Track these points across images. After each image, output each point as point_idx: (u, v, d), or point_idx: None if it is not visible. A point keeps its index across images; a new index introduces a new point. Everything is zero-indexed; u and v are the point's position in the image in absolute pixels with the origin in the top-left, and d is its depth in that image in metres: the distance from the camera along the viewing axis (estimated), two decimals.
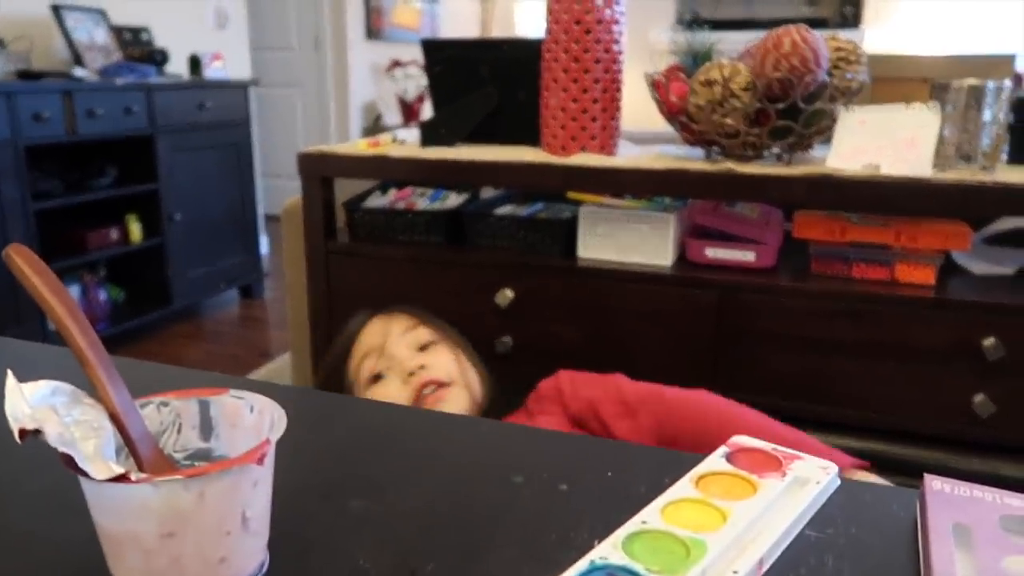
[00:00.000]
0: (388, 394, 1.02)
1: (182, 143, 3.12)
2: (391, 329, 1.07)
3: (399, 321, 1.09)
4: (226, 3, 3.89)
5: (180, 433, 0.41)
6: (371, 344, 1.06)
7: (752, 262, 1.25)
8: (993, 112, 1.15)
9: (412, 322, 1.09)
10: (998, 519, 0.38)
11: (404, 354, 1.05)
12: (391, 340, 1.06)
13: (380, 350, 1.05)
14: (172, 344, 3.09)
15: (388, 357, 1.04)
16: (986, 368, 1.11)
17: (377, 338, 1.07)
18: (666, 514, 0.40)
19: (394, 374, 1.04)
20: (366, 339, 1.08)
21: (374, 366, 1.05)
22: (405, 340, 1.07)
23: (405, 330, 1.08)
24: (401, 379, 1.03)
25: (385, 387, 1.03)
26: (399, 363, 1.04)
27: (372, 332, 1.08)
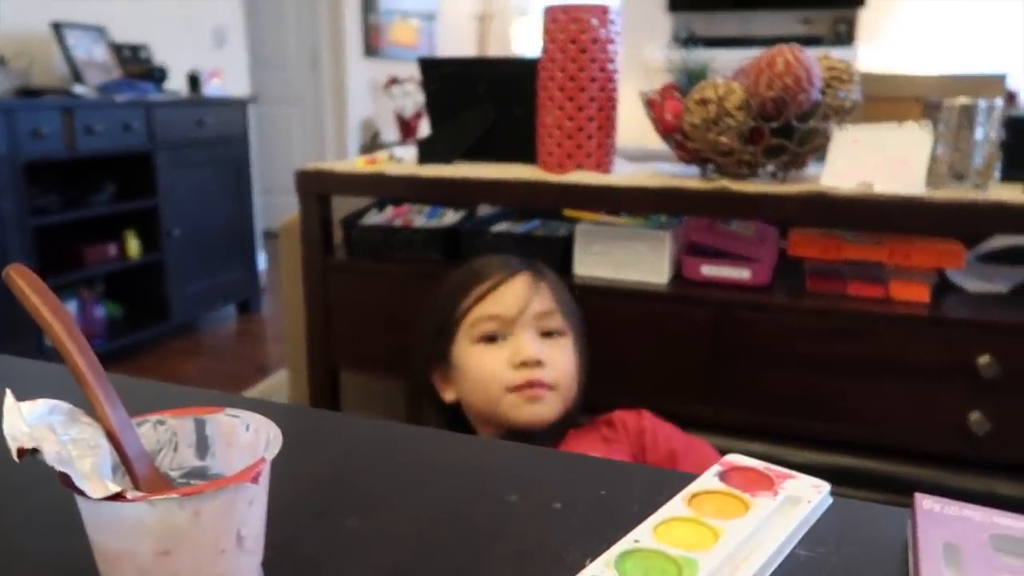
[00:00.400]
0: (489, 365, 0.94)
1: (181, 159, 3.14)
2: (532, 304, 0.96)
3: (542, 297, 0.98)
4: (225, 21, 3.92)
5: (176, 451, 0.41)
6: (505, 307, 0.95)
7: (747, 279, 1.25)
8: (985, 131, 1.16)
9: (551, 304, 0.99)
10: (988, 538, 0.39)
11: (528, 338, 0.95)
12: (524, 318, 0.95)
13: (508, 320, 0.95)
14: (169, 360, 3.08)
15: (511, 329, 0.95)
16: (981, 386, 1.12)
17: (513, 306, 0.95)
18: (658, 533, 0.40)
19: (507, 349, 0.94)
20: (504, 296, 0.96)
21: (494, 328, 0.95)
22: (537, 324, 0.97)
23: (542, 313, 0.97)
24: (510, 358, 0.93)
25: (492, 356, 0.94)
26: (519, 344, 0.94)
27: (513, 293, 0.96)
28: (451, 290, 1.00)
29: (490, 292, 0.96)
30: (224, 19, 3.91)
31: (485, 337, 0.95)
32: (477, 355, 0.94)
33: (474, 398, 0.95)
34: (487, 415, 0.95)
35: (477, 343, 0.95)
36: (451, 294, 0.99)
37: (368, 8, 4.95)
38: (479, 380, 0.94)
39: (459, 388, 0.98)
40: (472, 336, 0.95)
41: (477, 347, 0.95)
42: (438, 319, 0.98)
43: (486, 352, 0.94)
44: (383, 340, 1.42)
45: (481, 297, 0.96)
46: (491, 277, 0.97)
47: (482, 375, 0.93)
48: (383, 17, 5.08)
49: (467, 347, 0.95)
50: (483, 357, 0.94)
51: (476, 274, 0.99)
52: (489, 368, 0.93)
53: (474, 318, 0.95)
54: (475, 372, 0.94)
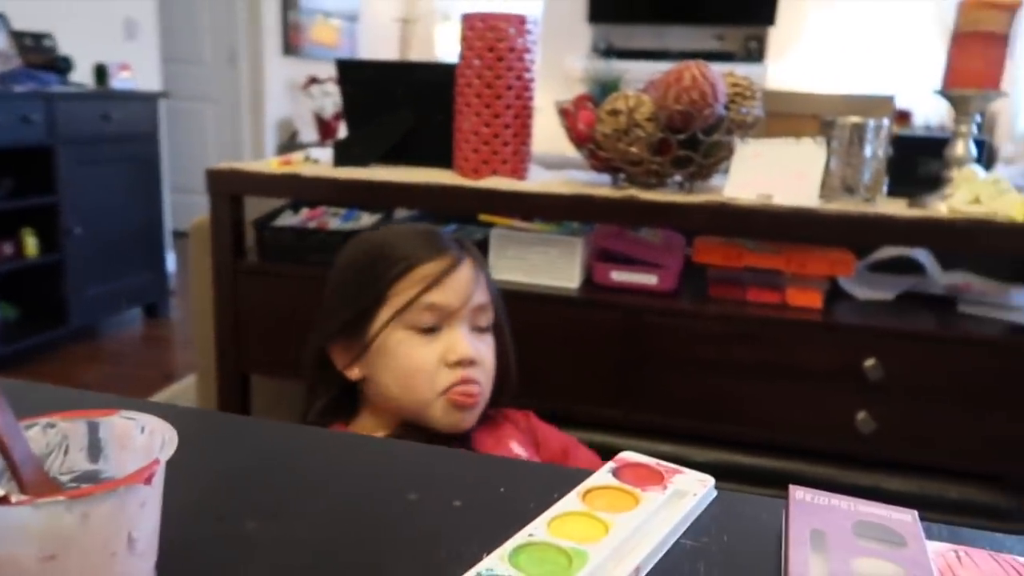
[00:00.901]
0: (422, 360, 0.85)
1: (85, 155, 3.00)
2: (473, 297, 0.88)
3: (481, 288, 0.90)
4: (136, 13, 3.77)
5: (67, 455, 0.41)
6: (450, 299, 0.86)
7: (655, 285, 1.30)
8: (873, 148, 1.24)
9: (487, 297, 0.91)
10: (851, 525, 0.42)
11: (464, 334, 0.87)
12: (463, 312, 0.87)
13: (449, 313, 0.86)
14: (69, 365, 2.94)
15: (448, 322, 0.87)
16: (868, 388, 1.19)
17: (457, 299, 0.86)
18: (552, 527, 0.42)
19: (440, 344, 0.86)
20: (451, 286, 0.86)
21: (434, 320, 0.86)
22: (472, 318, 0.89)
23: (480, 307, 0.89)
24: (444, 355, 0.86)
25: (426, 350, 0.86)
26: (455, 341, 0.86)
27: (460, 283, 0.87)
28: (379, 262, 0.88)
29: (436, 282, 0.86)
30: (135, 11, 3.76)
31: (421, 328, 0.86)
32: (410, 346, 0.85)
33: (395, 389, 0.87)
34: (404, 409, 0.88)
35: (410, 331, 0.86)
36: (380, 267, 0.87)
37: (288, 6, 4.86)
38: (407, 374, 0.86)
39: (373, 371, 0.88)
40: (406, 322, 0.86)
41: (411, 337, 0.86)
42: (358, 291, 0.88)
43: (420, 345, 0.86)
44: (296, 344, 1.40)
45: (424, 283, 0.85)
46: (433, 259, 0.87)
47: (412, 370, 0.85)
48: (304, 16, 5.00)
49: (398, 333, 0.86)
50: (416, 349, 0.85)
51: (414, 252, 0.87)
52: (421, 363, 0.85)
53: (413, 304, 0.85)
54: (404, 364, 0.86)
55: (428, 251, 0.87)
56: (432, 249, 0.88)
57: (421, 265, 0.86)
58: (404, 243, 0.89)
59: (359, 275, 0.89)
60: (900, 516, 0.43)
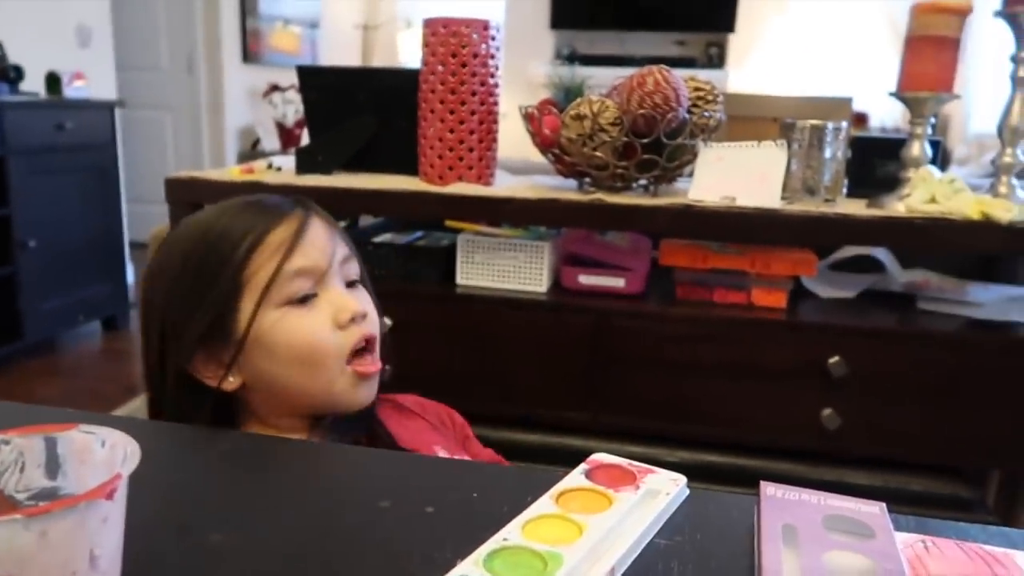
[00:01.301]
0: (314, 332, 0.75)
1: (38, 165, 2.93)
2: (336, 249, 0.78)
3: (340, 240, 0.80)
4: (89, 20, 3.69)
5: (23, 472, 0.39)
6: (315, 258, 0.76)
7: (622, 288, 1.30)
8: (832, 150, 1.26)
9: (348, 248, 0.81)
10: (821, 519, 0.43)
11: (342, 290, 0.78)
12: (332, 268, 0.77)
13: (320, 273, 0.76)
14: (24, 381, 2.86)
15: (324, 283, 0.77)
16: (832, 385, 1.21)
17: (322, 255, 0.77)
18: (526, 530, 0.42)
19: (325, 307, 0.76)
20: (311, 244, 0.76)
21: (308, 287, 0.75)
22: (341, 271, 0.79)
23: (345, 259, 0.79)
24: (334, 317, 0.76)
25: (312, 320, 0.75)
26: (339, 299, 0.77)
27: (319, 239, 0.77)
28: (219, 247, 0.75)
29: (294, 243, 0.75)
30: (88, 17, 3.69)
31: (294, 300, 0.75)
32: (293, 321, 0.74)
33: (295, 377, 0.75)
34: (309, 396, 0.77)
35: (285, 308, 0.75)
36: (222, 252, 0.75)
37: (247, 12, 4.80)
38: (304, 351, 0.74)
39: (256, 372, 0.76)
40: (277, 299, 0.74)
41: (289, 312, 0.75)
42: (205, 288, 0.75)
43: (303, 316, 0.75)
44: None
45: (283, 250, 0.75)
46: (280, 223, 0.76)
47: (307, 344, 0.74)
48: (263, 22, 4.94)
49: (271, 314, 0.74)
50: (302, 321, 0.75)
51: (256, 223, 0.76)
52: (315, 334, 0.75)
53: (277, 277, 0.74)
54: (297, 342, 0.74)
55: (271, 217, 0.76)
56: (274, 214, 0.77)
57: (270, 233, 0.75)
58: (240, 219, 0.77)
59: (199, 271, 0.75)
60: (868, 509, 0.44)
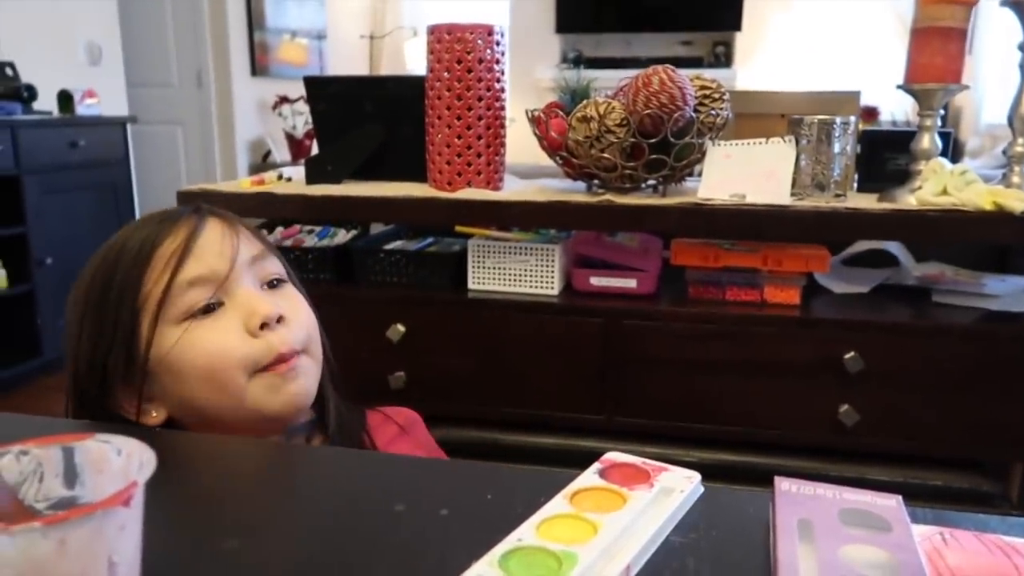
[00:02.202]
0: (217, 342, 0.68)
1: (53, 184, 2.96)
2: (240, 249, 0.72)
3: (246, 239, 0.73)
4: (99, 38, 3.74)
5: (42, 482, 0.40)
6: (211, 263, 0.69)
7: (634, 289, 1.30)
8: (841, 145, 1.25)
9: (259, 245, 0.74)
10: (837, 513, 0.42)
11: (254, 292, 0.71)
12: (237, 271, 0.70)
13: (219, 278, 0.69)
14: (43, 398, 2.89)
15: (225, 291, 0.70)
16: (848, 381, 1.20)
17: (220, 258, 0.70)
18: (541, 530, 0.42)
19: (231, 316, 0.69)
20: (205, 249, 0.70)
21: (206, 296, 0.69)
22: (255, 273, 0.73)
23: (255, 257, 0.73)
24: (244, 323, 0.69)
25: (215, 329, 0.68)
26: (248, 303, 0.69)
27: (214, 242, 0.71)
28: (114, 271, 0.70)
29: (184, 253, 0.69)
30: (97, 36, 3.73)
31: (195, 312, 0.68)
32: (194, 336, 0.68)
33: (202, 397, 0.68)
34: (227, 416, 0.69)
35: (187, 322, 0.68)
36: (117, 275, 0.70)
37: (255, 26, 4.84)
38: (208, 366, 0.67)
39: (171, 396, 0.69)
40: (176, 314, 0.68)
41: (192, 326, 0.68)
42: (107, 315, 0.69)
43: (204, 328, 0.68)
44: None
45: (173, 261, 0.69)
46: (169, 234, 0.70)
47: (209, 358, 0.67)
48: (270, 35, 4.98)
49: (172, 331, 0.68)
50: (203, 335, 0.68)
51: (146, 238, 0.70)
52: (217, 345, 0.68)
53: (172, 291, 0.68)
54: (202, 356, 0.67)
55: (160, 230, 0.71)
56: (163, 226, 0.71)
57: (160, 247, 0.69)
58: (131, 238, 0.72)
59: (99, 301, 0.70)
60: (884, 502, 0.43)
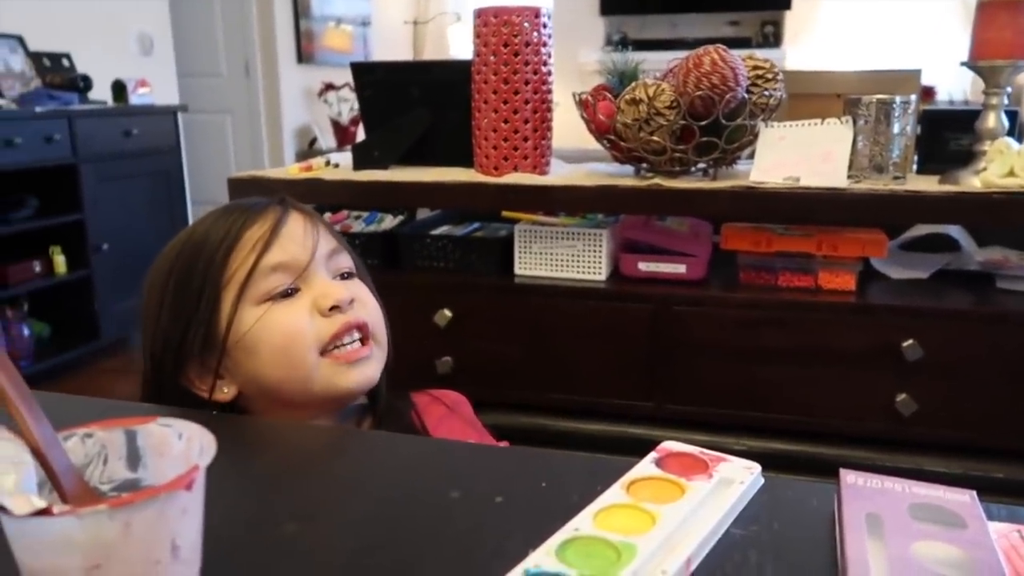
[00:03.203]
0: (291, 322, 0.72)
1: (108, 171, 3.04)
2: (318, 242, 0.76)
3: (324, 234, 0.78)
4: (150, 29, 3.81)
5: (106, 465, 0.40)
6: (293, 252, 0.74)
7: (683, 274, 1.28)
8: (901, 125, 1.21)
9: (335, 241, 0.79)
10: (907, 507, 0.41)
11: (328, 280, 0.76)
12: (316, 261, 0.75)
13: (299, 267, 0.74)
14: (101, 379, 2.98)
15: (303, 279, 0.74)
16: (906, 369, 1.17)
17: (301, 248, 0.75)
18: (598, 520, 0.41)
19: (307, 298, 0.74)
20: (288, 239, 0.75)
21: (285, 282, 0.73)
22: (329, 265, 0.77)
23: (331, 251, 0.78)
24: (316, 305, 0.73)
25: (290, 311, 0.73)
26: (322, 288, 0.74)
27: (296, 233, 0.76)
28: (199, 254, 0.75)
29: (271, 238, 0.74)
30: (149, 26, 3.80)
31: (275, 296, 0.73)
32: (271, 316, 0.72)
33: (274, 375, 0.73)
34: (294, 394, 0.73)
35: (265, 304, 0.73)
36: (202, 257, 0.74)
37: (300, 14, 4.88)
38: (282, 346, 0.72)
39: (244, 373, 0.74)
40: (256, 296, 0.73)
41: (269, 308, 0.73)
42: (190, 296, 0.74)
43: (284, 309, 0.73)
44: None
45: (259, 246, 0.73)
46: (256, 221, 0.75)
47: (284, 337, 0.72)
48: (315, 23, 5.02)
49: (252, 311, 0.73)
50: (282, 314, 0.72)
51: (233, 224, 0.75)
52: (292, 325, 0.72)
53: (255, 272, 0.73)
54: (276, 336, 0.72)
55: (247, 216, 0.76)
56: (250, 214, 0.76)
57: (246, 232, 0.74)
58: (218, 223, 0.77)
59: (182, 281, 0.75)
60: (958, 497, 0.42)
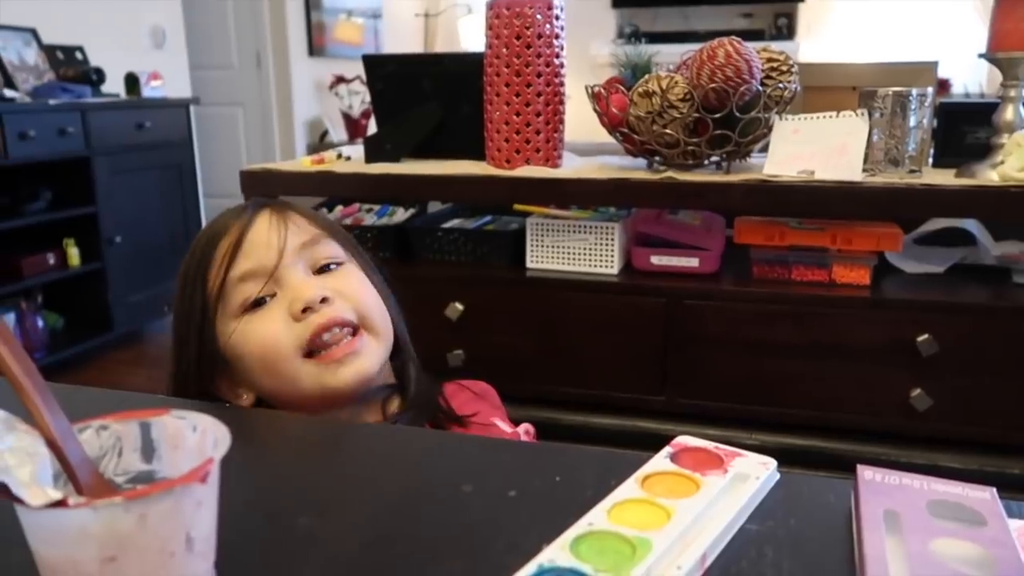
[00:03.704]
0: (267, 332, 0.71)
1: (121, 164, 3.05)
2: (288, 239, 0.74)
3: (296, 227, 0.76)
4: (163, 21, 3.82)
5: (121, 457, 0.40)
6: (256, 257, 0.73)
7: (696, 268, 1.27)
8: (917, 118, 1.20)
9: (312, 230, 0.77)
10: (926, 504, 0.40)
11: (300, 278, 0.74)
12: (285, 261, 0.73)
13: (266, 271, 0.73)
14: (114, 371, 3.00)
15: (276, 283, 0.73)
16: (921, 364, 1.16)
17: (265, 251, 0.73)
18: (612, 515, 0.41)
19: (283, 303, 0.72)
20: (251, 245, 0.74)
21: (255, 291, 0.72)
22: (305, 259, 0.75)
23: (305, 244, 0.75)
24: (287, 311, 0.72)
25: (265, 319, 0.72)
26: (292, 289, 0.72)
27: (260, 236, 0.74)
28: (193, 270, 0.76)
29: (235, 249, 0.73)
30: (162, 19, 3.81)
31: (249, 306, 0.73)
32: (247, 328, 0.72)
33: (267, 385, 0.73)
34: (292, 398, 0.73)
35: (244, 316, 0.73)
36: (194, 274, 0.76)
37: (311, 7, 4.88)
38: (262, 355, 0.72)
39: (253, 383, 0.75)
40: (234, 308, 0.73)
41: (247, 318, 0.73)
42: (184, 312, 0.76)
43: (256, 319, 0.72)
44: None
45: (226, 260, 0.73)
46: (227, 232, 0.75)
47: (260, 348, 0.72)
48: (327, 16, 5.01)
49: (233, 324, 0.73)
50: (255, 327, 0.72)
51: (211, 240, 0.76)
52: (266, 335, 0.71)
53: (226, 288, 0.73)
54: (255, 350, 0.72)
55: (222, 228, 0.76)
56: (226, 224, 0.76)
57: (217, 245, 0.75)
58: (199, 240, 0.78)
59: (180, 293, 0.77)
60: (978, 494, 0.41)
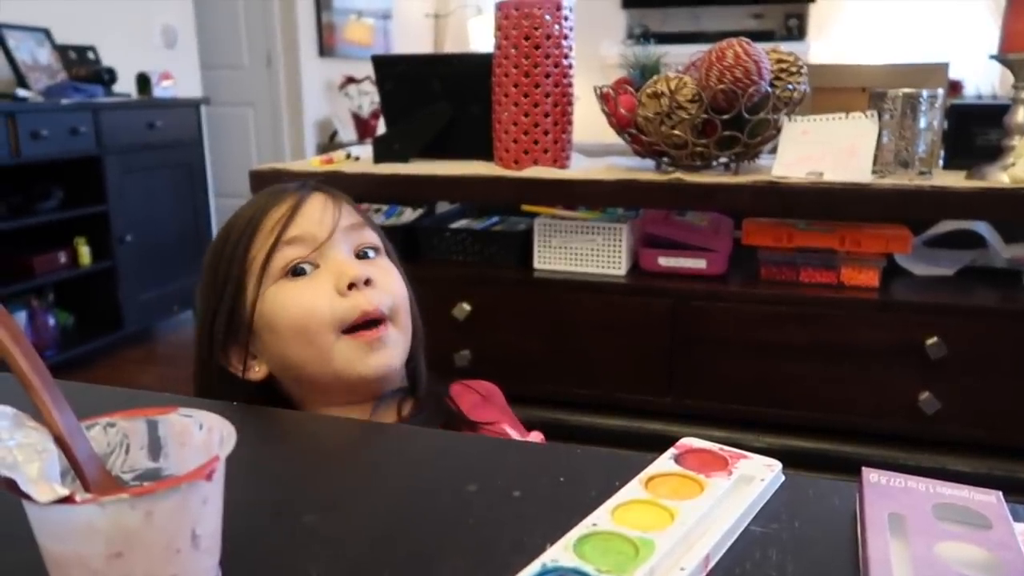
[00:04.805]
0: (306, 299, 0.72)
1: (132, 163, 3.07)
2: (339, 220, 0.76)
3: (347, 210, 0.78)
4: (174, 21, 3.84)
5: (128, 454, 0.41)
6: (309, 225, 0.75)
7: (704, 269, 1.27)
8: (928, 119, 1.19)
9: (358, 217, 0.79)
10: (931, 507, 0.40)
11: (345, 257, 0.75)
12: (335, 237, 0.75)
13: (316, 240, 0.74)
14: (124, 369, 3.02)
15: (320, 255, 0.74)
16: (930, 367, 1.15)
17: (319, 223, 0.75)
18: (616, 516, 0.41)
19: (326, 276, 0.74)
20: (305, 215, 0.76)
21: (301, 255, 0.74)
22: (350, 240, 0.77)
23: (353, 226, 0.78)
24: (334, 284, 0.73)
25: (306, 288, 0.73)
26: (339, 265, 0.74)
27: (315, 209, 0.76)
28: (229, 238, 0.77)
29: (293, 213, 0.75)
30: (173, 19, 3.83)
31: (291, 271, 0.74)
32: (287, 293, 0.73)
33: (295, 355, 0.73)
34: (316, 374, 0.73)
35: (283, 280, 0.74)
36: (231, 241, 0.77)
37: (322, 7, 4.89)
38: (299, 322, 0.72)
39: (271, 354, 0.75)
40: (275, 273, 0.74)
41: (286, 283, 0.73)
42: (221, 279, 0.76)
43: (298, 286, 0.73)
44: None
45: (279, 225, 0.75)
46: (277, 204, 0.77)
47: (300, 315, 0.72)
48: (337, 16, 5.03)
49: (271, 290, 0.74)
50: (299, 291, 0.73)
51: (258, 208, 0.77)
52: (308, 302, 0.72)
53: (273, 251, 0.74)
54: (290, 315, 0.72)
55: (271, 199, 0.78)
56: (275, 197, 0.78)
57: (268, 214, 0.76)
58: (245, 209, 0.79)
59: (213, 264, 0.77)
60: (983, 497, 0.41)
